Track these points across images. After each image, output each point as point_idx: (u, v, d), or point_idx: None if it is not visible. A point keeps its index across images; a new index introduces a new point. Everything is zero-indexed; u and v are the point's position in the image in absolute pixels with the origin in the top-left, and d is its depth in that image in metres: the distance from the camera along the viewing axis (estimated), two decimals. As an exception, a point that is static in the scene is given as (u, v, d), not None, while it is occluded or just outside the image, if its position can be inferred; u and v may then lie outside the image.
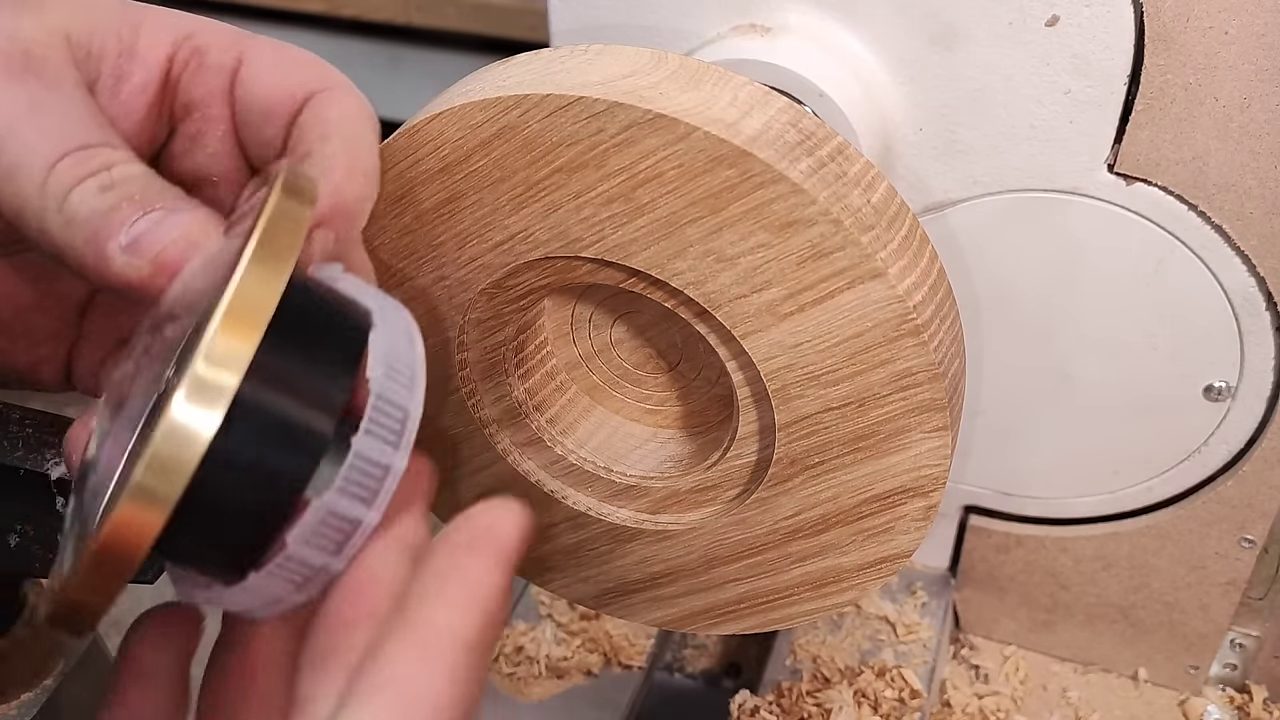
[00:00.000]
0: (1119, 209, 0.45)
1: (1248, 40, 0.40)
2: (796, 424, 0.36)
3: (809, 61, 0.43)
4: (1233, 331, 0.47)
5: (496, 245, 0.36)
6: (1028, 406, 0.52)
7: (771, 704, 0.54)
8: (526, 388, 0.42)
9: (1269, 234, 0.44)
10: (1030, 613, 0.60)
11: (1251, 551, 0.52)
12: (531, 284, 0.37)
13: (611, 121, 0.31)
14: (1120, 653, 0.59)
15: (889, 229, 0.32)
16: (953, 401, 0.34)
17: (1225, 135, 0.42)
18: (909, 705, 0.55)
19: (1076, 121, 0.44)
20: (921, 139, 0.46)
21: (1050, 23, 0.42)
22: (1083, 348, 0.50)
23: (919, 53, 0.44)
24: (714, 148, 0.31)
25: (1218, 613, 0.55)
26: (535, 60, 0.35)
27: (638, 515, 0.41)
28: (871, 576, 0.38)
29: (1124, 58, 0.42)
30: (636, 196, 0.33)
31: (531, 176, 0.33)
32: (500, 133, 0.33)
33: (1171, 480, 0.53)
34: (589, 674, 0.61)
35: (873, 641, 0.59)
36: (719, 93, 0.32)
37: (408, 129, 0.35)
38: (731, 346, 0.35)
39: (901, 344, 0.33)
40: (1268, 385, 0.48)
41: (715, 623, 0.42)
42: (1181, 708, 0.58)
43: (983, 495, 0.57)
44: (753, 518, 0.39)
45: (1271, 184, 0.43)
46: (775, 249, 0.32)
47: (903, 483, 0.36)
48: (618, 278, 0.36)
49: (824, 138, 0.33)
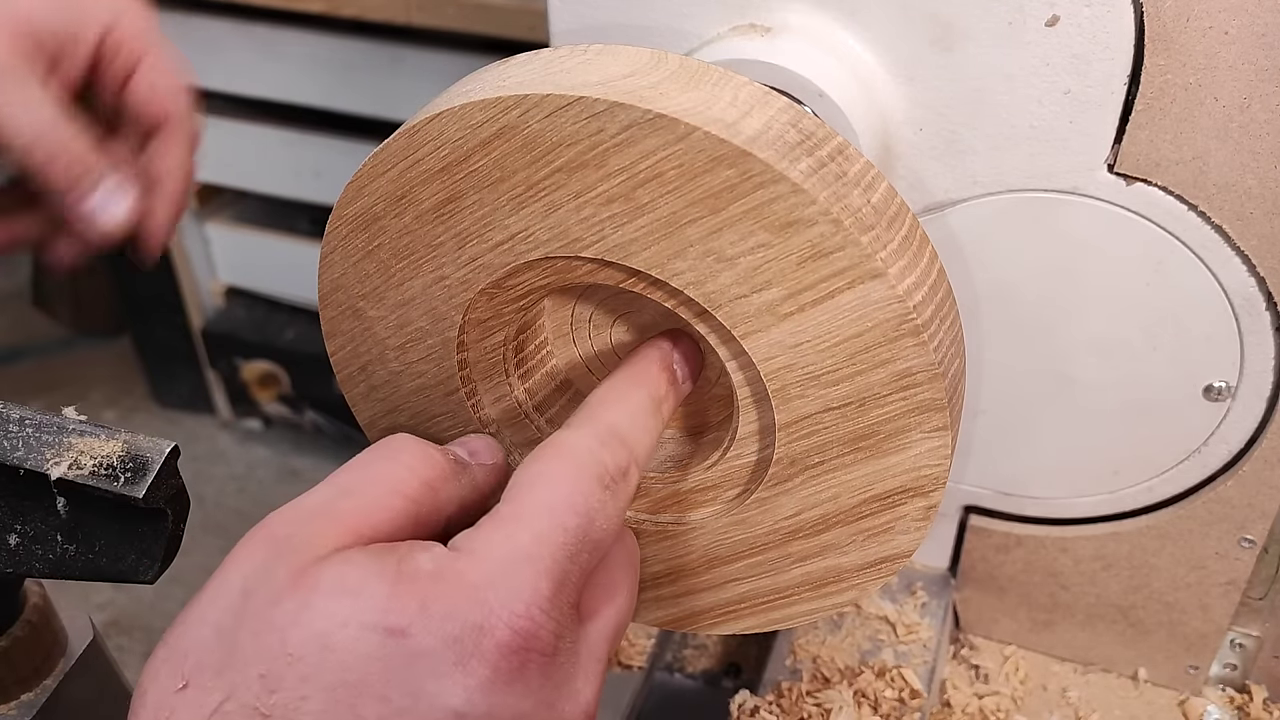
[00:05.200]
0: (1119, 209, 0.45)
1: (1248, 40, 0.40)
2: (797, 424, 0.36)
3: (809, 61, 0.43)
4: (1233, 331, 0.47)
5: (496, 245, 0.36)
6: (1028, 406, 0.52)
7: (771, 704, 0.54)
8: (526, 388, 0.42)
9: (1269, 234, 0.44)
10: (1030, 613, 0.60)
11: (1251, 551, 0.52)
12: (531, 284, 0.37)
13: (611, 121, 0.31)
14: (1120, 653, 0.59)
15: (889, 229, 0.32)
16: (953, 401, 0.34)
17: (1225, 135, 0.42)
18: (909, 705, 0.55)
19: (1076, 121, 0.44)
20: (921, 139, 0.46)
21: (1050, 23, 0.42)
22: (1083, 348, 0.50)
23: (919, 53, 0.44)
24: (714, 148, 0.31)
25: (1218, 613, 0.55)
26: (535, 60, 0.35)
27: (638, 515, 0.41)
28: (871, 576, 0.38)
29: (1124, 58, 0.42)
30: (636, 196, 0.33)
31: (531, 176, 0.33)
32: (500, 133, 0.33)
33: (1171, 480, 0.53)
34: (589, 674, 0.61)
35: (873, 641, 0.59)
36: (719, 93, 0.32)
37: (408, 129, 0.35)
38: (731, 346, 0.35)
39: (901, 344, 0.33)
40: (1268, 385, 0.48)
41: (715, 623, 0.42)
42: (1181, 708, 0.58)
43: (983, 495, 0.57)
44: (753, 518, 0.39)
45: (1271, 184, 0.43)
46: (775, 249, 0.32)
47: (903, 483, 0.36)
48: (618, 278, 0.36)
49: (824, 138, 0.33)
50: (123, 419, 1.96)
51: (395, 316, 0.39)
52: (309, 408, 1.81)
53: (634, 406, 0.35)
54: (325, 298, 0.40)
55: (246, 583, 0.29)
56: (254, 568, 0.29)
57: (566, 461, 0.31)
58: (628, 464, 0.33)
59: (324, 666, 0.27)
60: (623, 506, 0.32)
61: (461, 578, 0.28)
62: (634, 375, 0.36)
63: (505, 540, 0.29)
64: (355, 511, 0.30)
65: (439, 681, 0.27)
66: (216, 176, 1.68)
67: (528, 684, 0.28)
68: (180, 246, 1.72)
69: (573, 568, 0.30)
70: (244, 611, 0.28)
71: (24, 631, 0.41)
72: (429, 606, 0.28)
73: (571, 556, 0.30)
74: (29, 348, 2.14)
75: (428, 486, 0.32)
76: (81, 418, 0.36)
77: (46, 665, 0.43)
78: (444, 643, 0.27)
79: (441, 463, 0.33)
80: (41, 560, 0.36)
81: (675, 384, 0.37)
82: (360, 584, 0.28)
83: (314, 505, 0.31)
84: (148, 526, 0.36)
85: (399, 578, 0.28)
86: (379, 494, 0.31)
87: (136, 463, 0.35)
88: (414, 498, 0.31)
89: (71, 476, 0.34)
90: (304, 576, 0.28)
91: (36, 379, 2.06)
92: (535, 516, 0.30)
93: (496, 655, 0.28)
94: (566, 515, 0.30)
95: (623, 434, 0.33)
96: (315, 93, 1.49)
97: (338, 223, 0.38)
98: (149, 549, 0.36)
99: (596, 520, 0.31)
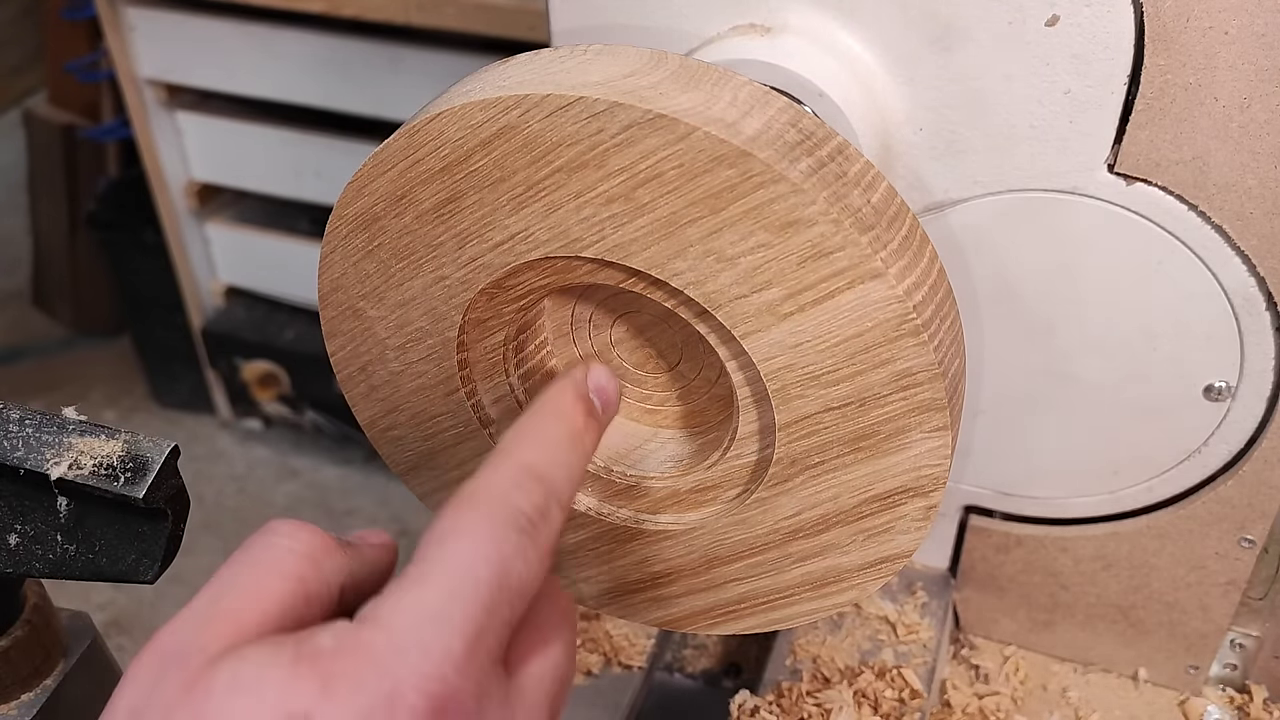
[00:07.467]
0: (1119, 209, 0.45)
1: (1248, 40, 0.40)
2: (797, 424, 0.36)
3: (809, 61, 0.43)
4: (1233, 331, 0.47)
5: (496, 245, 0.36)
6: (1028, 406, 0.52)
7: (771, 704, 0.54)
8: (527, 388, 0.42)
9: (1269, 234, 0.44)
10: (1030, 613, 0.60)
11: (1251, 551, 0.52)
12: (531, 284, 0.37)
13: (611, 121, 0.31)
14: (1120, 653, 0.59)
15: (889, 229, 0.32)
16: (953, 401, 0.34)
17: (1225, 135, 0.42)
18: (909, 705, 0.55)
19: (1076, 121, 0.44)
20: (921, 139, 0.46)
21: (1050, 23, 0.42)
22: (1083, 348, 0.50)
23: (919, 53, 0.44)
24: (714, 148, 0.31)
25: (1218, 613, 0.55)
26: (535, 60, 0.35)
27: (638, 515, 0.41)
28: (872, 576, 0.38)
29: (1124, 58, 0.42)
30: (637, 196, 0.33)
31: (531, 176, 0.33)
32: (500, 133, 0.33)
33: (1171, 480, 0.53)
34: (589, 674, 0.61)
35: (873, 641, 0.59)
36: (719, 93, 0.32)
37: (408, 129, 0.35)
38: (731, 346, 0.35)
39: (901, 344, 0.33)
40: (1268, 385, 0.48)
41: (715, 623, 0.42)
42: (1181, 708, 0.58)
43: (983, 495, 0.57)
44: (753, 518, 0.39)
45: (1271, 184, 0.43)
46: (775, 249, 0.32)
47: (903, 483, 0.36)
48: (618, 278, 0.36)
49: (824, 138, 0.33)
50: (123, 419, 1.96)
51: (395, 316, 0.39)
52: (309, 408, 1.81)
53: (550, 442, 0.33)
54: (325, 298, 0.40)
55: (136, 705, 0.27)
56: (142, 689, 0.27)
57: (479, 510, 0.30)
58: (545, 503, 0.31)
59: None
60: (545, 549, 0.30)
61: (366, 648, 0.27)
62: (547, 411, 0.34)
63: (413, 603, 0.28)
64: (241, 605, 0.29)
65: None
66: (216, 176, 1.68)
67: None
68: (180, 246, 1.72)
69: (491, 621, 0.28)
70: None
71: (24, 631, 0.41)
72: (331, 684, 0.26)
73: (488, 609, 0.28)
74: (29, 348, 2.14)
75: (310, 560, 0.30)
76: (81, 418, 0.36)
77: (46, 665, 0.43)
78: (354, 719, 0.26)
79: (319, 534, 0.31)
80: (41, 560, 0.37)
81: (594, 414, 0.35)
82: (256, 678, 0.26)
83: (198, 610, 0.29)
84: (148, 526, 0.36)
85: (297, 660, 0.27)
86: (261, 581, 0.29)
87: (136, 463, 0.35)
88: (298, 575, 0.30)
89: (71, 476, 0.34)
90: (196, 685, 0.26)
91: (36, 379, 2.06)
92: (444, 573, 0.28)
93: None
94: (479, 566, 0.28)
95: (539, 472, 0.31)
96: (315, 93, 1.49)
97: (338, 223, 0.38)
98: (149, 549, 0.36)
99: (514, 567, 0.29)
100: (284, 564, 0.30)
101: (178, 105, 1.61)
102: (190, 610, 0.29)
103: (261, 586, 0.29)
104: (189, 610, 0.29)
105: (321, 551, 0.31)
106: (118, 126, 1.88)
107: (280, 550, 0.30)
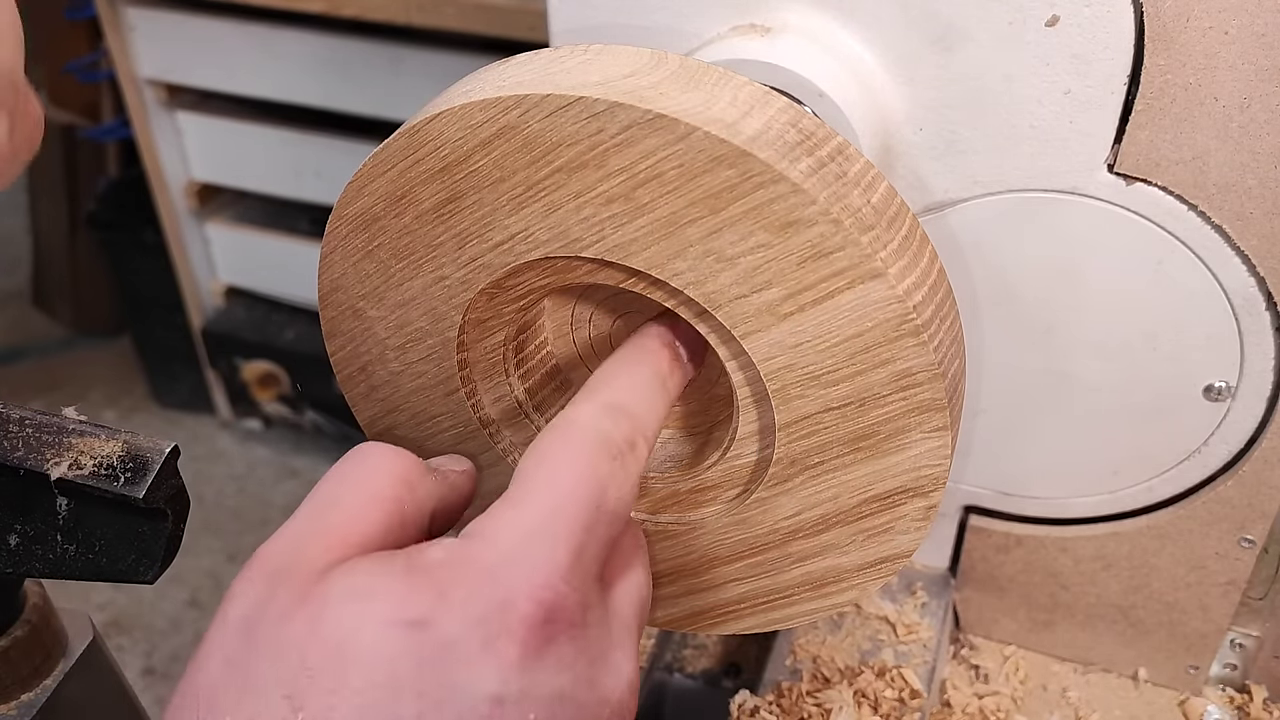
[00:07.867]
0: (1119, 209, 0.45)
1: (1248, 40, 0.40)
2: (796, 424, 0.36)
3: (809, 61, 0.43)
4: (1233, 331, 0.47)
5: (496, 245, 0.36)
6: (1028, 406, 0.52)
7: (771, 704, 0.54)
8: (527, 388, 0.42)
9: (1269, 234, 0.44)
10: (1030, 613, 0.60)
11: (1251, 551, 0.52)
12: (531, 284, 0.37)
13: (611, 121, 0.31)
14: (1120, 653, 0.59)
15: (889, 229, 0.32)
16: (953, 401, 0.34)
17: (1225, 135, 0.42)
18: (909, 705, 0.55)
19: (1076, 121, 0.44)
20: (921, 139, 0.46)
21: (1050, 23, 0.42)
22: (1083, 348, 0.50)
23: (919, 53, 0.44)
24: (714, 148, 0.31)
25: (1218, 613, 0.55)
26: (535, 60, 0.35)
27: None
28: (872, 576, 0.38)
29: (1124, 58, 0.42)
30: (636, 196, 0.33)
31: (531, 176, 0.33)
32: (500, 133, 0.33)
33: (1171, 480, 0.53)
34: (589, 674, 0.61)
35: (873, 641, 0.59)
36: (719, 93, 0.32)
37: (408, 129, 0.35)
38: (731, 346, 0.35)
39: (901, 344, 0.33)
40: (1268, 385, 0.48)
41: (715, 623, 0.42)
42: (1181, 708, 0.58)
43: (983, 495, 0.57)
44: (753, 518, 0.39)
45: (1271, 184, 0.43)
46: (775, 249, 0.32)
47: (903, 483, 0.36)
48: (618, 278, 0.36)
49: (824, 138, 0.33)
50: (123, 419, 1.96)
51: (395, 316, 0.39)
52: (309, 408, 1.81)
53: (637, 381, 0.34)
54: (325, 298, 0.40)
55: (249, 615, 0.28)
56: (253, 600, 0.28)
57: (571, 437, 0.31)
58: (634, 435, 0.32)
59: (348, 674, 0.26)
60: (634, 478, 0.32)
61: (476, 561, 0.28)
62: (635, 352, 0.36)
63: (516, 519, 0.29)
64: (343, 523, 0.30)
65: (471, 668, 0.26)
66: (216, 176, 1.68)
67: (561, 658, 0.28)
68: (180, 246, 1.73)
69: (590, 539, 0.29)
70: (253, 640, 0.27)
71: (24, 631, 0.41)
72: (447, 593, 0.27)
73: (587, 528, 0.29)
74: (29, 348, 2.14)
75: (405, 484, 0.32)
76: (81, 418, 0.36)
77: (46, 665, 0.43)
78: (469, 626, 0.27)
79: (412, 458, 0.32)
80: (41, 560, 0.36)
81: (679, 361, 0.37)
82: (371, 586, 0.27)
83: (300, 529, 0.30)
84: (148, 526, 0.36)
85: (410, 571, 0.28)
86: (361, 502, 0.30)
87: (136, 463, 0.35)
88: (394, 497, 0.31)
89: (71, 476, 0.34)
90: (310, 594, 0.27)
91: (36, 379, 2.06)
92: (544, 493, 0.30)
93: (524, 631, 0.27)
94: (576, 487, 0.30)
95: (627, 407, 0.33)
96: (315, 93, 1.49)
97: (338, 223, 0.38)
98: (149, 549, 0.36)
99: (609, 490, 0.30)
100: (381, 486, 0.31)
101: (178, 105, 1.61)
102: (291, 529, 0.30)
103: (362, 506, 0.30)
104: (289, 529, 0.30)
105: (416, 475, 0.32)
106: (118, 126, 1.88)
107: (376, 472, 0.31)
